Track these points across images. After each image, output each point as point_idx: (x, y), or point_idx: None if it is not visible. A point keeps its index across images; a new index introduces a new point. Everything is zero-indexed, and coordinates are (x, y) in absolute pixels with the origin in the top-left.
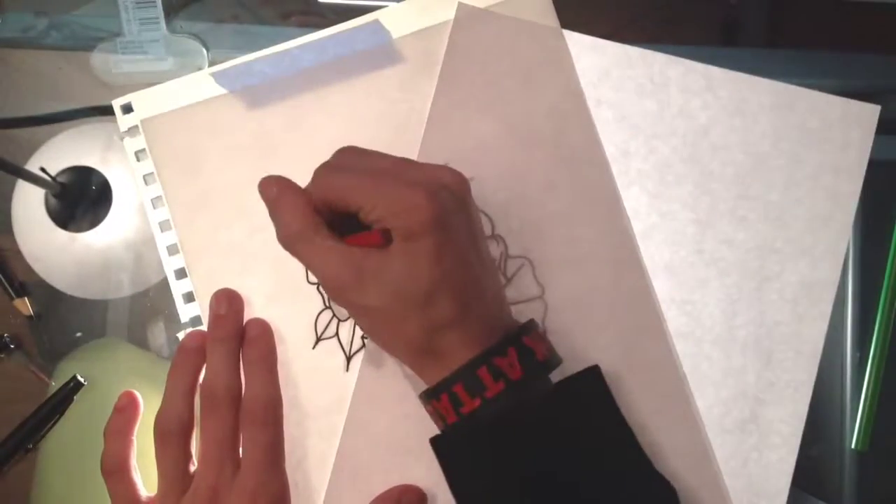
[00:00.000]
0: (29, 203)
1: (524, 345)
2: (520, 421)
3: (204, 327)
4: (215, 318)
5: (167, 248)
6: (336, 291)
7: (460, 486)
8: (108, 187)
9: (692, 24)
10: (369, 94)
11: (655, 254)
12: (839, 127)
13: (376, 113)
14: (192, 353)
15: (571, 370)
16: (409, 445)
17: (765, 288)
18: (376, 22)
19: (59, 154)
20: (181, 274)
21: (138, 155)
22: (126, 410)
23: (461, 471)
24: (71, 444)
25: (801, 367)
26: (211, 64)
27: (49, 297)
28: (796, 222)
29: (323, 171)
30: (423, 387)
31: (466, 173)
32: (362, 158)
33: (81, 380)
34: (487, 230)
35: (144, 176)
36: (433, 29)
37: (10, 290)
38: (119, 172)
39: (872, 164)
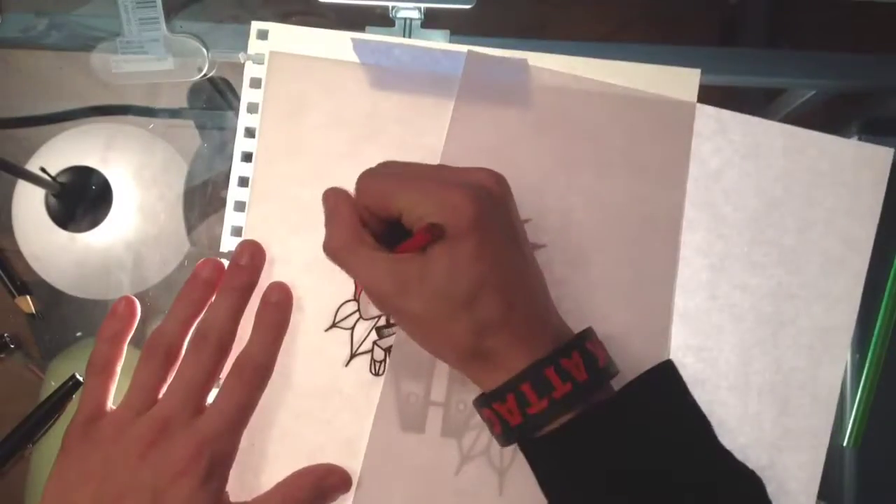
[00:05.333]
0: (29, 203)
1: (587, 349)
2: (596, 421)
3: None
4: (234, 266)
5: (239, 178)
6: (381, 300)
7: (548, 483)
8: (108, 187)
9: (692, 24)
10: (487, 125)
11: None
12: (851, 170)
13: (485, 145)
14: (202, 284)
15: None
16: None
17: (780, 333)
18: (523, 61)
19: (59, 154)
20: (239, 207)
21: (252, 81)
22: (123, 317)
23: (556, 469)
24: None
25: (817, 412)
26: (210, 64)
27: (49, 297)
28: (810, 266)
29: (364, 177)
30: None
31: None
32: (402, 166)
33: (80, 378)
34: None
35: (249, 103)
36: (578, 93)
37: (12, 288)
38: (119, 172)
39: None
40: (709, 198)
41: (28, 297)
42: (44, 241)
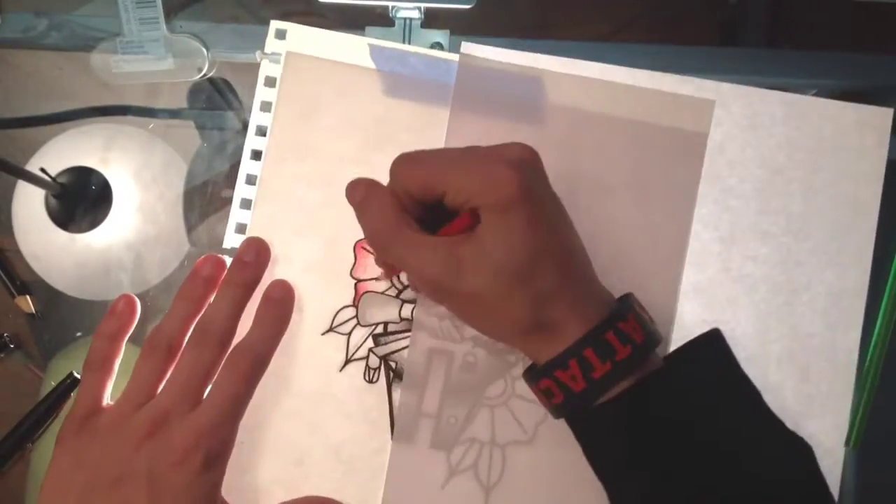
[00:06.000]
0: (29, 203)
1: (639, 312)
2: (653, 386)
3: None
4: (239, 262)
5: (247, 175)
6: (434, 285)
7: (606, 455)
8: (108, 188)
9: (692, 24)
10: (500, 140)
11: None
12: (853, 133)
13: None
14: (202, 281)
15: None
16: None
17: (794, 301)
18: (538, 79)
19: (59, 154)
20: (245, 204)
21: (267, 80)
22: (122, 315)
23: (614, 437)
24: None
25: (837, 377)
26: (210, 64)
27: (49, 297)
28: (819, 232)
29: (402, 162)
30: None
31: None
32: (435, 151)
33: (78, 376)
34: None
35: (263, 101)
36: (591, 114)
37: (12, 288)
38: (119, 173)
39: None
40: (714, 171)
41: (28, 297)
42: (44, 241)
